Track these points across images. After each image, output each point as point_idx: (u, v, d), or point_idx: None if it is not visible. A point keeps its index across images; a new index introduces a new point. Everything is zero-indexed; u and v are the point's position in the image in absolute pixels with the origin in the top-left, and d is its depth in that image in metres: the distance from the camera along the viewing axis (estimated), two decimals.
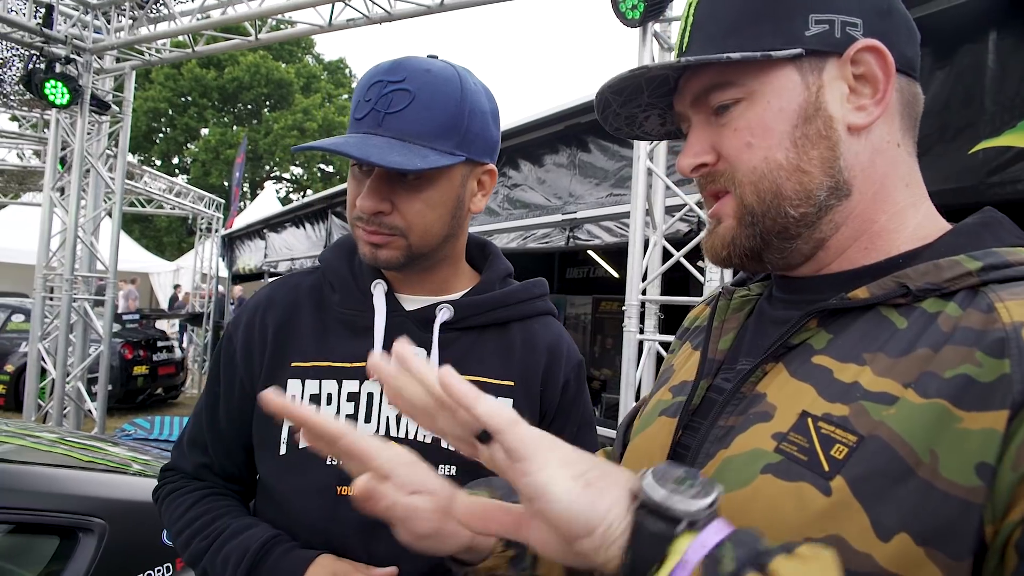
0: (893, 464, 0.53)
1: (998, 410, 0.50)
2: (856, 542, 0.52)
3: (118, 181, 6.20)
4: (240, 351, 1.08)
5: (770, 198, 0.64)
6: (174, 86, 27.19)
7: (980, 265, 0.58)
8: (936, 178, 3.19)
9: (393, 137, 0.94)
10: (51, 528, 1.68)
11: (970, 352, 0.53)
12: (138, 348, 9.14)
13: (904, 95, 0.66)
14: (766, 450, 0.60)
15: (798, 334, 0.65)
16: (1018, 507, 0.48)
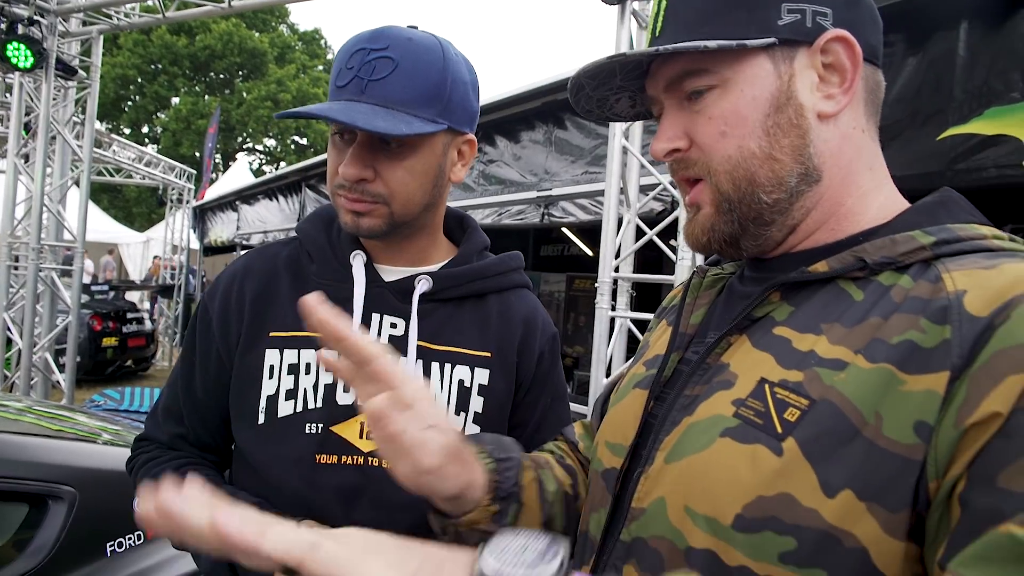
0: (840, 425, 0.55)
1: (938, 372, 0.52)
2: (804, 499, 0.54)
3: (86, 149, 6.06)
4: (217, 320, 1.07)
5: (745, 185, 0.66)
6: (144, 53, 26.44)
7: (933, 240, 0.61)
8: (905, 163, 3.26)
9: (377, 104, 0.94)
10: (20, 495, 1.67)
11: (916, 319, 0.56)
12: (107, 320, 9.01)
13: (868, 83, 0.68)
14: (726, 415, 0.62)
15: (761, 307, 0.67)
16: (959, 462, 0.50)
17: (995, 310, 0.52)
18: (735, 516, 0.57)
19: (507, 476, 0.76)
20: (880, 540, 0.52)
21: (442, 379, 1.05)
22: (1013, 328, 0.51)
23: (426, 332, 1.05)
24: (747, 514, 0.57)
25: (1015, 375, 0.49)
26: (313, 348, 1.02)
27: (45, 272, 6.00)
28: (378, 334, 1.04)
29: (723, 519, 0.58)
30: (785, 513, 0.55)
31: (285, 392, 1.02)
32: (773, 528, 0.55)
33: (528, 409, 1.12)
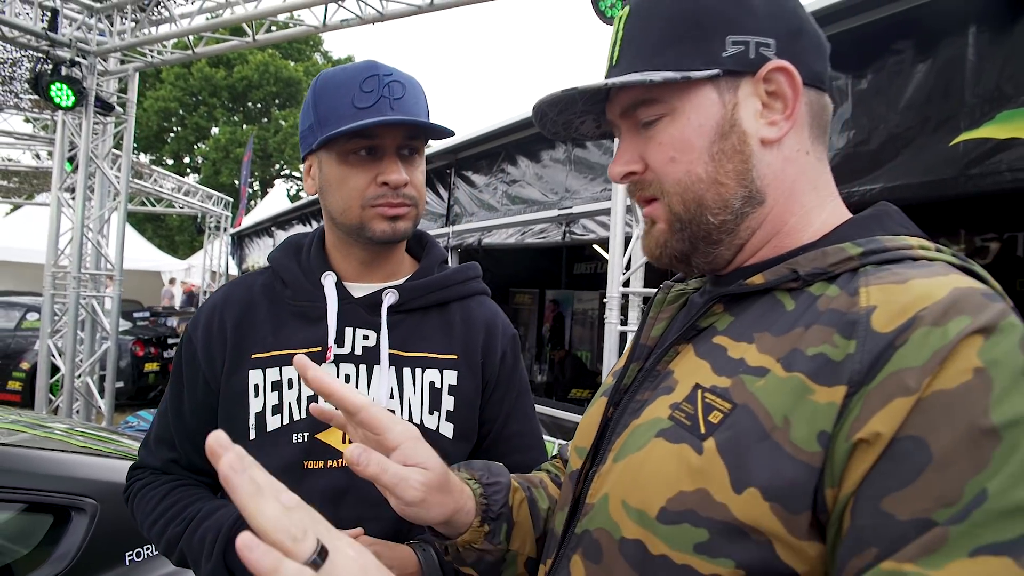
0: (754, 428, 0.59)
1: (839, 386, 0.55)
2: (716, 494, 0.58)
3: (123, 180, 6.34)
4: (201, 349, 1.15)
5: (694, 208, 0.70)
6: (184, 85, 27.44)
7: (861, 250, 0.63)
8: (917, 170, 3.23)
9: (405, 116, 1.07)
10: (45, 507, 1.78)
11: (830, 332, 0.59)
12: (149, 345, 9.28)
13: (813, 107, 0.70)
14: (662, 418, 0.67)
15: (705, 318, 0.72)
16: (850, 477, 0.53)
17: (897, 328, 0.55)
18: (659, 509, 0.62)
19: (495, 499, 0.83)
20: (783, 537, 0.55)
21: (414, 382, 1.13)
22: (908, 351, 0.53)
23: (396, 341, 1.13)
24: (670, 507, 0.61)
25: (902, 398, 0.52)
26: (293, 365, 1.10)
27: (86, 300, 6.26)
28: (352, 346, 1.12)
29: (650, 512, 0.62)
30: (700, 507, 0.59)
31: (271, 407, 1.10)
32: (690, 520, 0.59)
33: (496, 405, 1.20)
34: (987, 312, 0.54)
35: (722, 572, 0.57)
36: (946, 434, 0.50)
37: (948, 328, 0.53)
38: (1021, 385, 0.51)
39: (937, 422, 0.50)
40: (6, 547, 1.73)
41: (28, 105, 9.31)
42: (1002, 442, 0.49)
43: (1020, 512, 0.47)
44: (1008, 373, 0.51)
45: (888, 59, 3.34)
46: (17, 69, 7.74)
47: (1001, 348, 0.52)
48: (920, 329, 0.54)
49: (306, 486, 1.06)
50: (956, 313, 0.54)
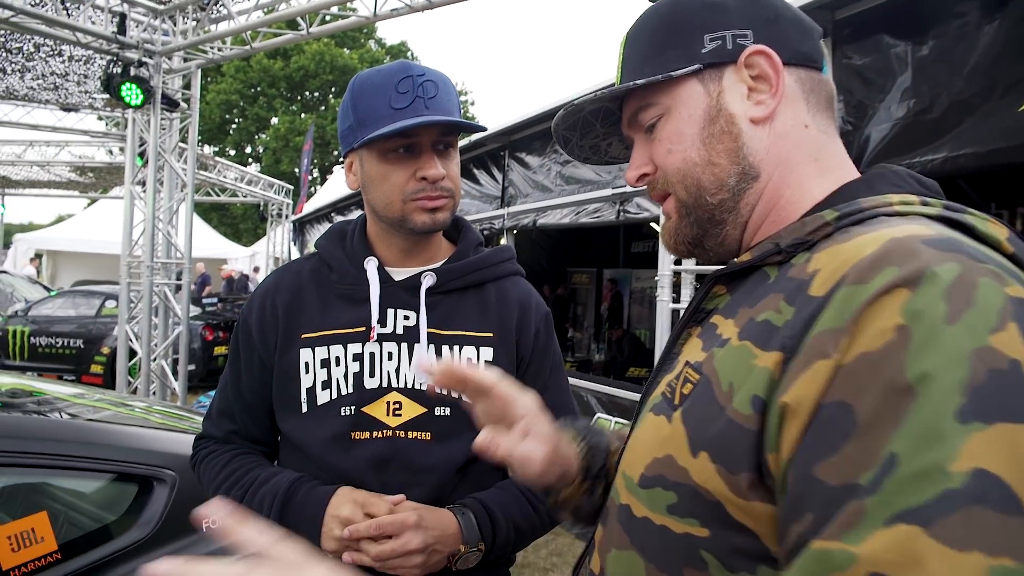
0: (707, 395, 0.62)
1: (775, 350, 0.56)
2: (679, 458, 0.62)
3: (189, 172, 6.63)
4: (256, 331, 1.25)
5: (694, 191, 0.74)
6: (244, 78, 28.25)
7: (837, 215, 0.64)
8: (983, 138, 3.11)
9: (440, 115, 1.15)
10: (131, 477, 1.94)
11: (779, 299, 0.60)
12: (218, 330, 9.67)
13: (805, 83, 0.73)
14: (659, 393, 0.72)
15: (710, 300, 0.75)
16: (785, 443, 0.53)
17: (828, 290, 0.54)
18: (640, 475, 0.67)
19: (596, 460, 0.89)
20: (729, 498, 0.58)
21: (452, 358, 1.20)
22: (831, 313, 0.53)
23: (435, 320, 1.21)
24: (647, 472, 0.66)
25: (822, 361, 0.51)
26: (340, 343, 1.20)
27: (159, 287, 6.61)
28: (394, 325, 1.20)
29: (635, 478, 0.68)
30: (668, 471, 0.63)
31: (320, 383, 1.19)
32: (661, 484, 0.64)
33: (531, 379, 1.26)
34: (917, 260, 0.51)
35: (690, 531, 0.61)
36: (869, 398, 0.48)
37: (872, 283, 0.51)
38: (938, 336, 0.48)
39: (861, 385, 0.49)
40: (99, 513, 1.89)
41: (101, 104, 9.78)
42: (915, 399, 0.47)
43: (926, 476, 0.45)
44: (927, 325, 0.48)
45: (951, 22, 3.21)
46: (90, 66, 8.14)
47: (924, 299, 0.49)
48: (845, 288, 0.53)
49: (353, 455, 1.15)
50: (884, 265, 0.52)
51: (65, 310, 9.23)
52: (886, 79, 3.48)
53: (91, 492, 1.93)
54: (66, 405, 2.36)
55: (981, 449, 0.45)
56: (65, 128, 11.57)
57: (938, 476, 0.44)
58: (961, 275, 0.50)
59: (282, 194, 15.18)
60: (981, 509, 0.43)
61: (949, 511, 0.44)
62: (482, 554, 1.14)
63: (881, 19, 3.47)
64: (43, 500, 1.79)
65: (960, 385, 0.46)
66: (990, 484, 0.44)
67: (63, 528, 1.75)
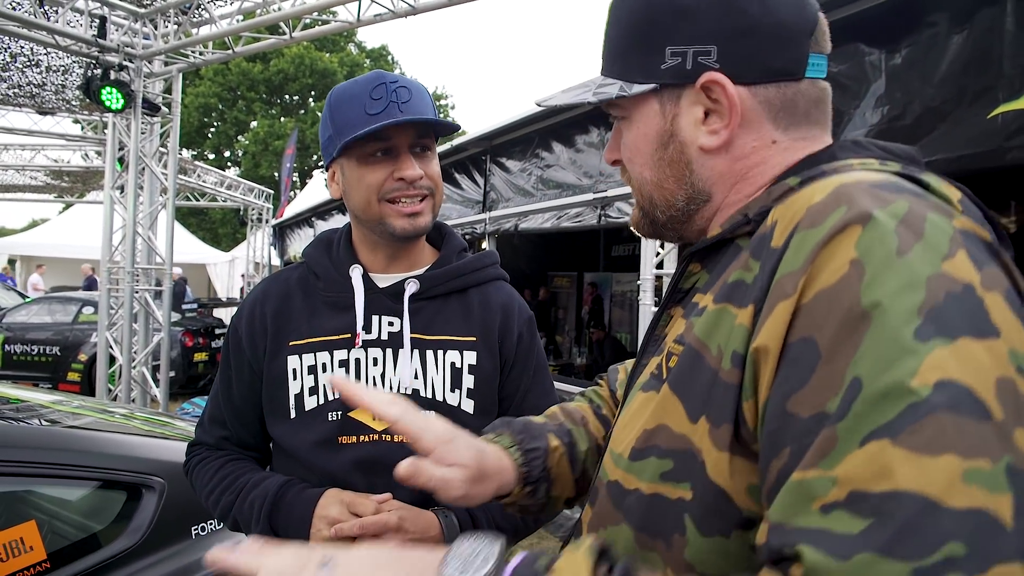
0: (695, 361, 0.63)
1: (748, 306, 0.59)
2: (675, 426, 0.64)
3: (170, 177, 6.58)
4: (245, 338, 1.28)
5: (647, 202, 0.77)
6: (223, 81, 27.98)
7: (799, 179, 0.65)
8: (954, 144, 3.20)
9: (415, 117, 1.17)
10: (119, 484, 1.93)
11: (746, 258, 0.62)
12: (197, 336, 9.57)
13: (774, 101, 0.69)
14: (648, 372, 0.74)
15: (687, 279, 0.77)
16: (760, 388, 0.56)
17: (786, 238, 0.57)
18: (631, 449, 0.68)
19: (534, 466, 0.90)
20: (711, 451, 0.60)
21: (436, 363, 1.23)
22: (789, 257, 0.55)
23: (418, 326, 1.24)
24: (638, 445, 0.67)
25: (784, 301, 0.54)
26: (326, 350, 1.23)
27: (140, 293, 6.54)
28: (378, 332, 1.23)
29: (624, 454, 0.69)
30: (663, 440, 0.65)
31: (308, 389, 1.22)
32: (655, 454, 0.65)
33: (515, 382, 1.30)
34: (868, 199, 0.54)
35: (684, 495, 0.62)
36: (828, 329, 0.51)
37: (824, 224, 0.54)
38: (892, 265, 0.50)
39: (822, 319, 0.52)
40: (87, 521, 1.89)
41: (78, 107, 9.65)
42: (872, 325, 0.49)
43: (889, 394, 0.47)
44: (880, 256, 0.51)
45: (922, 32, 3.30)
46: (68, 77, 8.04)
47: (876, 233, 0.52)
48: (800, 233, 0.55)
49: (340, 458, 1.18)
50: (835, 206, 0.55)
51: (41, 317, 9.08)
52: (861, 86, 3.56)
53: (79, 500, 1.93)
54: (46, 412, 2.34)
55: (944, 361, 0.47)
56: (41, 132, 11.39)
57: (901, 391, 0.47)
58: (910, 210, 0.53)
59: (262, 198, 15.07)
60: (951, 415, 0.45)
61: (913, 420, 0.46)
62: None
63: (856, 27, 3.55)
64: (31, 509, 1.79)
65: (917, 308, 0.49)
66: (958, 392, 0.46)
67: (52, 537, 1.75)
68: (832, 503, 0.47)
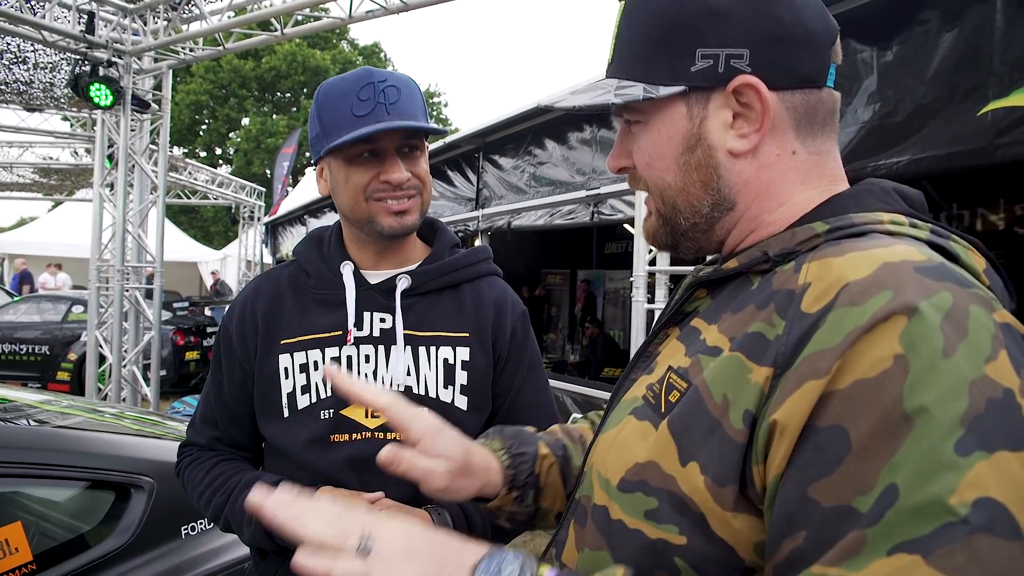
0: (699, 406, 0.62)
1: (767, 366, 0.57)
2: (666, 466, 0.63)
3: (160, 175, 6.54)
4: (236, 338, 1.26)
5: (669, 209, 0.74)
6: (214, 78, 27.83)
7: (827, 228, 0.64)
8: (945, 141, 3.21)
9: (401, 119, 1.16)
10: (108, 484, 1.92)
11: (771, 311, 0.60)
12: (189, 334, 9.54)
13: (799, 109, 0.69)
14: (639, 396, 0.72)
15: (691, 302, 0.76)
16: (774, 459, 0.55)
17: (821, 308, 0.55)
18: (620, 479, 0.67)
19: (521, 470, 0.90)
20: (714, 510, 0.59)
21: (429, 359, 1.22)
22: (825, 332, 0.54)
23: (411, 322, 1.23)
24: (628, 477, 0.66)
25: (814, 380, 0.52)
26: (318, 348, 1.22)
27: (130, 292, 6.50)
28: (370, 328, 1.22)
29: (613, 481, 0.68)
30: (652, 477, 0.63)
31: (300, 388, 1.21)
32: (642, 490, 0.64)
33: (508, 378, 1.29)
34: (913, 287, 0.53)
35: (667, 537, 0.61)
36: (864, 423, 0.50)
37: (867, 307, 0.52)
38: (938, 368, 0.49)
39: (857, 411, 0.50)
40: (74, 522, 1.87)
41: (66, 104, 9.58)
42: (914, 431, 0.48)
43: (927, 510, 0.46)
44: (925, 356, 0.50)
45: (913, 29, 3.31)
46: (56, 74, 7.97)
47: (921, 329, 0.51)
48: (839, 309, 0.54)
49: (333, 456, 1.17)
50: (878, 289, 0.53)
51: (30, 316, 9.03)
52: (853, 83, 3.57)
53: (67, 501, 1.91)
54: (34, 412, 2.32)
55: (983, 478, 0.46)
56: (29, 129, 11.30)
57: (939, 510, 0.46)
58: (954, 304, 0.52)
59: (253, 196, 15.00)
60: (985, 538, 0.45)
61: (949, 542, 0.45)
62: None
63: (848, 24, 3.54)
64: (17, 510, 1.76)
65: (960, 418, 0.48)
66: (993, 512, 0.46)
67: (39, 538, 1.73)
68: None
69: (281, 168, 14.25)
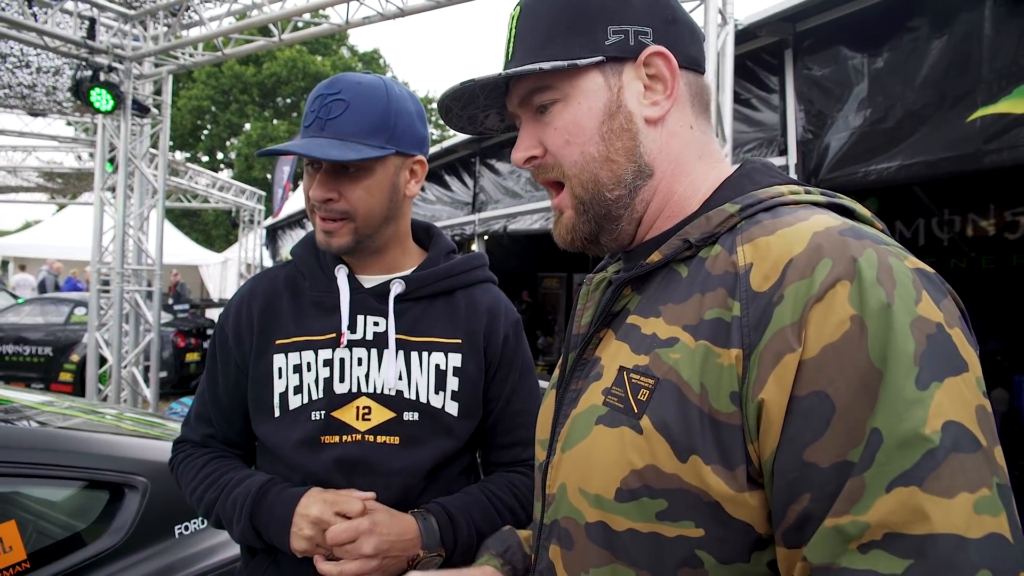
0: (679, 399, 0.63)
1: (735, 347, 0.60)
2: (665, 466, 0.63)
3: (160, 179, 6.59)
4: (232, 336, 1.28)
5: (591, 187, 0.75)
6: (216, 84, 27.92)
7: (739, 207, 0.69)
8: (934, 147, 3.24)
9: (334, 137, 1.15)
10: (102, 484, 1.95)
11: (722, 295, 0.64)
12: (189, 336, 9.56)
13: (692, 87, 0.77)
14: (598, 404, 0.71)
15: (618, 301, 0.77)
16: (767, 435, 0.58)
17: (772, 285, 0.60)
18: (616, 490, 0.66)
19: (515, 560, 0.94)
20: (727, 495, 0.60)
21: (421, 364, 1.23)
22: (785, 308, 0.58)
23: (404, 327, 1.23)
24: (624, 487, 0.65)
25: (790, 354, 0.56)
26: (311, 350, 1.23)
27: (130, 294, 6.54)
28: (363, 332, 1.23)
29: (607, 494, 0.67)
30: (654, 480, 0.63)
31: (292, 388, 1.22)
32: (647, 495, 0.64)
33: (499, 384, 1.30)
34: (845, 252, 0.58)
35: (685, 532, 0.62)
36: (841, 383, 0.54)
37: (814, 277, 0.58)
38: (889, 320, 0.54)
39: (833, 374, 0.55)
40: (68, 521, 1.90)
41: (69, 109, 9.64)
42: (884, 379, 0.53)
43: (908, 443, 0.52)
44: (876, 312, 0.55)
45: (903, 36, 3.34)
46: (59, 78, 8.03)
47: (864, 288, 0.56)
48: (791, 284, 0.58)
49: (323, 457, 1.19)
50: (818, 259, 0.58)
51: (33, 317, 9.07)
52: (844, 89, 3.60)
53: (61, 500, 1.93)
54: (35, 413, 2.35)
55: (942, 405, 0.52)
56: (33, 133, 11.36)
57: (917, 440, 0.52)
58: (879, 259, 0.58)
59: (254, 200, 15.05)
60: (956, 455, 0.51)
61: (933, 466, 0.51)
62: (443, 559, 1.16)
63: (839, 32, 3.59)
64: (11, 509, 1.79)
65: (912, 356, 0.53)
66: (957, 431, 0.52)
67: (33, 537, 1.75)
68: (868, 543, 0.52)
69: (281, 173, 14.28)
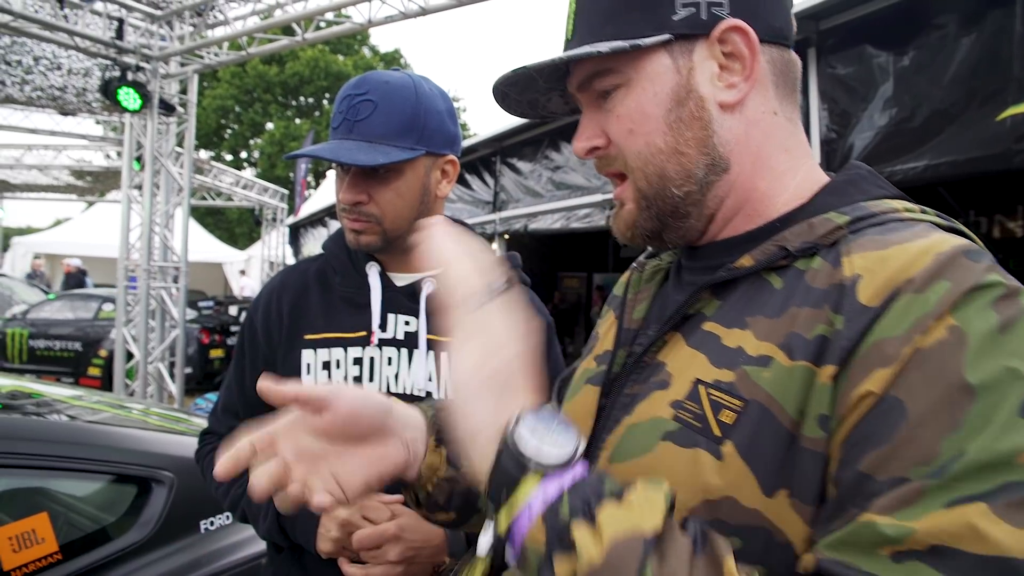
0: (772, 425, 0.55)
1: (831, 365, 0.54)
2: (745, 500, 0.55)
3: (185, 177, 6.68)
4: (260, 329, 1.27)
5: (656, 181, 0.67)
6: (240, 83, 28.23)
7: (848, 219, 0.61)
8: (964, 146, 3.18)
9: (362, 140, 1.14)
10: (130, 478, 1.99)
11: (824, 310, 0.56)
12: (214, 333, 9.67)
13: (776, 65, 0.67)
14: (665, 418, 0.62)
15: (692, 304, 0.67)
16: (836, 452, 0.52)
17: (883, 301, 0.53)
18: (681, 519, 0.56)
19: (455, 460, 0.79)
20: (800, 534, 0.54)
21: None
22: (889, 321, 0.52)
23: (435, 327, 1.21)
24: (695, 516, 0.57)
25: (883, 368, 0.51)
26: (341, 347, 1.21)
27: (156, 291, 6.65)
28: (394, 331, 1.22)
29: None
30: (729, 515, 0.56)
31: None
32: (719, 529, 0.54)
33: None
34: (968, 274, 0.53)
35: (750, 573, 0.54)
36: (921, 392, 0.49)
37: (928, 295, 0.52)
38: (997, 343, 0.50)
39: (913, 381, 0.50)
40: (98, 514, 1.94)
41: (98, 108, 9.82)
42: (977, 401, 0.48)
43: (992, 466, 0.47)
44: (982, 330, 0.50)
45: (930, 34, 3.28)
46: (89, 79, 8.18)
47: (975, 304, 0.51)
48: (902, 298, 0.52)
49: None
50: (937, 278, 0.52)
51: (63, 313, 9.25)
52: (869, 88, 3.55)
53: (91, 493, 1.97)
54: (65, 407, 2.40)
55: None
56: (63, 132, 11.57)
57: (1004, 466, 0.46)
58: (1006, 288, 0.53)
59: (277, 198, 15.20)
60: None
61: (1014, 495, 0.46)
62: None
63: (864, 30, 3.54)
64: (44, 501, 1.83)
65: (1020, 384, 0.48)
66: None
67: (64, 529, 1.79)
68: (907, 552, 0.47)
69: (300, 172, 14.39)
